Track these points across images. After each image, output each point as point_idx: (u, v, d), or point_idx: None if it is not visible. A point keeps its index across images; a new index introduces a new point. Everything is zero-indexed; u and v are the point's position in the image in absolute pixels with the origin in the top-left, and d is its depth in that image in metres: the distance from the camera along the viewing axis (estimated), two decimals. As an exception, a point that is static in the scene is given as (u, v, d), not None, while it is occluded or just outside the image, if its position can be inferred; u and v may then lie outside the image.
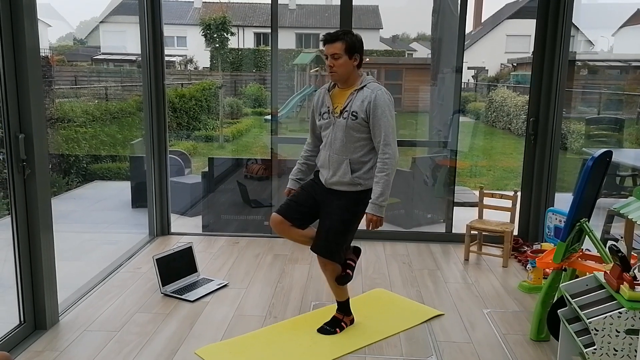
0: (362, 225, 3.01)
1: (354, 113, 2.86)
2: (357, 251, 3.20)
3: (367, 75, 2.98)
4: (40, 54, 2.95)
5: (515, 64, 20.10)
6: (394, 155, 2.85)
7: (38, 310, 3.05)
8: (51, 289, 3.09)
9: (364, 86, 2.90)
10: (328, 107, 2.97)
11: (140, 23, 4.49)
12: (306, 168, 3.21)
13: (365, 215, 2.92)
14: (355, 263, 3.14)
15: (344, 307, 3.18)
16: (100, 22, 20.95)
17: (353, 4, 4.57)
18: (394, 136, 2.87)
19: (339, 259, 3.02)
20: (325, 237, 2.96)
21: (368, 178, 2.91)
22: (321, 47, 2.99)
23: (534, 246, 4.42)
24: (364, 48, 2.95)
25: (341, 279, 3.04)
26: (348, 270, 3.06)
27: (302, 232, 3.05)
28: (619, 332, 2.34)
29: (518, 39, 22.87)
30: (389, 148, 2.84)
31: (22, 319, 3.00)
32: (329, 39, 2.86)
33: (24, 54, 2.77)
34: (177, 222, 5.28)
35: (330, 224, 2.95)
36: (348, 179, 2.91)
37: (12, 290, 2.98)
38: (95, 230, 5.50)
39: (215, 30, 13.79)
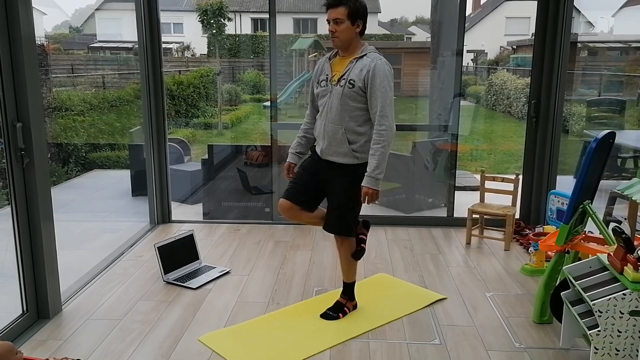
0: (363, 210, 3.00)
1: (351, 81, 2.81)
2: (366, 225, 3.21)
3: (370, 45, 2.93)
4: (36, 42, 2.91)
5: (514, 47, 19.96)
6: (390, 127, 2.79)
7: (40, 300, 3.04)
8: (53, 278, 3.08)
9: (364, 55, 2.85)
10: (327, 75, 2.92)
11: (137, 10, 4.43)
12: (305, 141, 3.16)
13: (361, 187, 2.87)
14: (366, 236, 3.16)
15: (349, 290, 3.19)
16: (96, 9, 20.77)
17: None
18: (392, 108, 2.81)
19: (352, 233, 3.05)
20: (336, 216, 2.97)
21: (366, 150, 2.86)
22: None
23: (536, 229, 4.41)
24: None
25: (357, 253, 3.08)
26: (362, 245, 3.10)
27: (312, 214, 3.07)
28: (622, 313, 2.33)
29: (517, 21, 22.70)
30: (386, 120, 2.79)
31: (24, 309, 3.00)
32: (332, 3, 2.81)
33: (19, 41, 2.73)
34: (178, 210, 5.27)
35: (338, 202, 2.96)
36: (345, 149, 2.87)
37: (14, 280, 2.97)
38: (96, 219, 5.49)
39: (212, 16, 13.66)
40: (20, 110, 2.80)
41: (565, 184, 4.64)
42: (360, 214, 3.08)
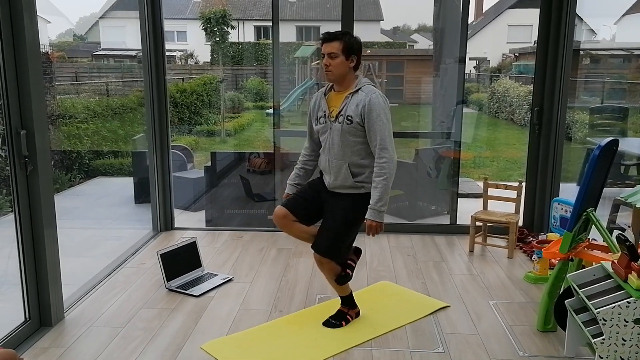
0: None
1: (349, 117, 2.84)
2: (357, 252, 3.19)
3: (364, 77, 2.96)
4: (41, 50, 2.93)
5: (517, 54, 20.00)
6: (391, 159, 2.82)
7: (43, 307, 3.04)
8: (56, 286, 3.08)
9: (359, 89, 2.88)
10: (324, 112, 2.95)
11: (141, 18, 4.46)
12: (304, 173, 3.19)
13: (365, 220, 2.90)
14: (355, 263, 3.13)
15: (347, 301, 3.18)
16: (100, 17, 20.91)
17: (354, -5, 4.52)
18: (391, 139, 2.84)
19: (338, 259, 3.01)
20: (326, 237, 2.95)
21: (371, 181, 2.89)
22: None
23: (539, 237, 4.40)
24: (363, 43, 2.93)
25: (341, 278, 3.03)
26: (348, 270, 3.05)
27: (305, 229, 3.04)
28: (627, 321, 2.32)
29: (520, 28, 22.75)
30: (386, 152, 2.81)
31: (27, 316, 2.99)
32: (327, 38, 2.85)
33: (23, 49, 2.75)
34: (181, 217, 5.27)
35: (333, 224, 2.95)
36: (350, 182, 2.91)
37: (17, 287, 2.98)
38: (99, 226, 5.49)
39: (216, 24, 13.73)
40: (24, 117, 2.81)
41: (569, 191, 4.64)
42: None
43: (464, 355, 2.82)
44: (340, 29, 3.04)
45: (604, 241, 2.86)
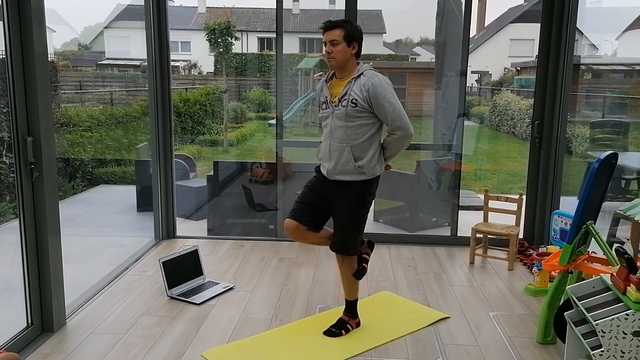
0: (368, 228, 3.02)
1: (353, 101, 2.88)
2: (370, 245, 3.25)
3: (364, 64, 3.00)
4: (48, 58, 2.97)
5: (519, 68, 20.10)
6: (403, 136, 2.91)
7: (45, 313, 3.06)
8: (58, 292, 3.10)
9: (361, 74, 2.91)
10: (326, 97, 2.99)
11: (147, 28, 4.51)
12: None
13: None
14: (369, 256, 3.19)
15: (351, 308, 3.20)
16: (105, 27, 21.07)
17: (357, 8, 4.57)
18: (401, 114, 2.88)
19: (355, 252, 3.08)
20: (342, 236, 3.02)
21: (372, 166, 2.93)
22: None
23: (540, 249, 4.41)
24: (366, 55, 2.98)
25: (358, 273, 3.10)
26: (364, 264, 3.13)
27: (318, 235, 3.10)
28: (625, 334, 2.33)
29: (522, 43, 22.88)
30: (399, 130, 2.89)
31: (29, 322, 3.01)
32: (328, 26, 2.91)
33: (32, 58, 2.79)
34: (183, 226, 5.30)
35: (343, 222, 3.00)
36: (352, 167, 2.92)
37: (19, 293, 3.00)
38: (101, 233, 5.52)
39: (220, 35, 13.84)
40: (31, 124, 2.85)
41: (570, 204, 4.65)
42: (366, 231, 3.10)
43: (464, 366, 2.82)
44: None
45: (603, 254, 2.88)
